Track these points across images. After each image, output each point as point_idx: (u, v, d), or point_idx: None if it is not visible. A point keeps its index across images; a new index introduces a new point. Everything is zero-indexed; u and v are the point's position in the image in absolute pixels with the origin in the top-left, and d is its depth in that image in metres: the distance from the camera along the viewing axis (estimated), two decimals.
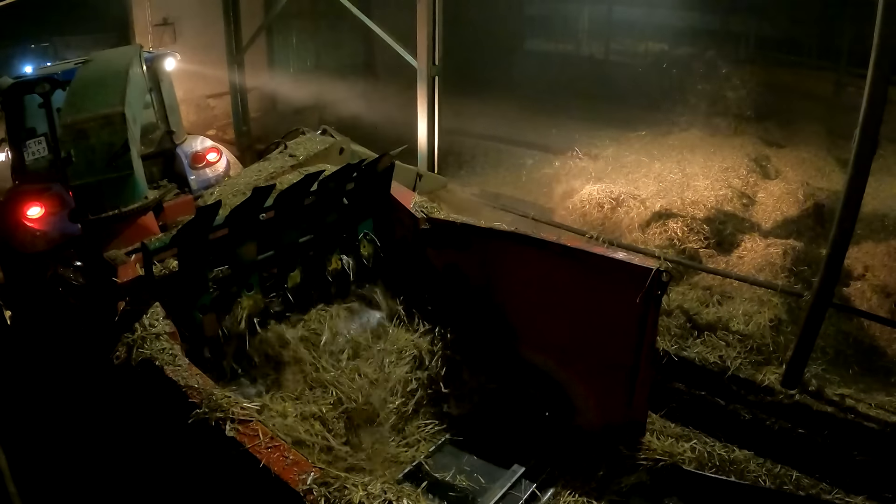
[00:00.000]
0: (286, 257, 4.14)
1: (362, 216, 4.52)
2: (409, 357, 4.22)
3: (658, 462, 4.00)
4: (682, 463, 4.06)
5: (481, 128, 10.81)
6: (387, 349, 4.23)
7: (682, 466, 4.02)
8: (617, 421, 3.98)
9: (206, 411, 2.86)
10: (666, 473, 3.96)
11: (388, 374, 4.07)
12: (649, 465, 3.98)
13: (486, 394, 4.33)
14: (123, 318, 3.47)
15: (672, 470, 3.99)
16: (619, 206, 7.14)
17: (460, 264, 4.44)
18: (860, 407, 4.46)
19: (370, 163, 4.34)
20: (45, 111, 5.39)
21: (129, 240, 4.02)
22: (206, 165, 6.41)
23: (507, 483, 3.81)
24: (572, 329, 3.98)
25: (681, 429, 4.52)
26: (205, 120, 11.24)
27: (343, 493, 2.50)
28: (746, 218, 7.07)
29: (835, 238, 4.27)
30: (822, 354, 4.96)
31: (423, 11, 6.73)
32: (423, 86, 7.06)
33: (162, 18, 10.45)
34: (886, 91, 3.93)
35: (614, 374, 3.85)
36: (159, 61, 6.30)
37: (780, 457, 4.35)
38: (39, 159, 5.82)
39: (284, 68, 12.95)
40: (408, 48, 7.17)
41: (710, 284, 5.75)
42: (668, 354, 4.85)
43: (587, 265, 3.79)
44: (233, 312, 3.91)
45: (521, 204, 7.62)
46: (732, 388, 4.71)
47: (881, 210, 7.11)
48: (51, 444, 4.66)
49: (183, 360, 3.21)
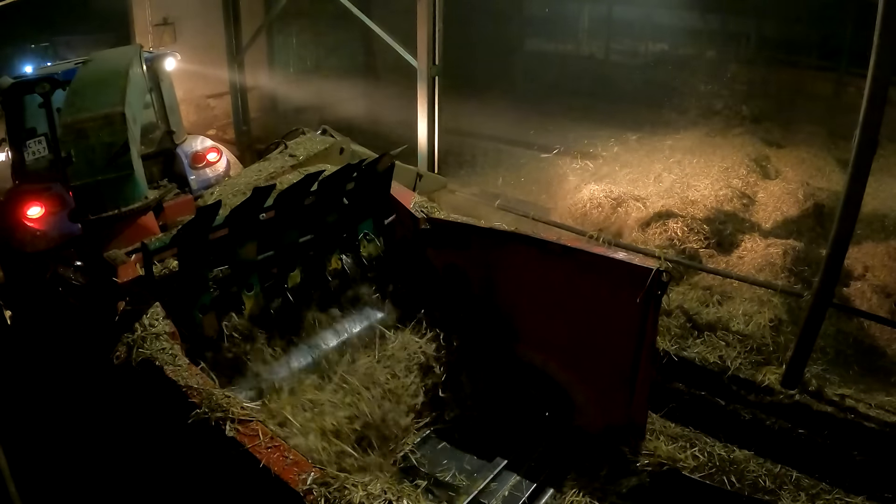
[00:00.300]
0: (286, 257, 4.14)
1: (362, 216, 4.52)
2: (411, 358, 4.21)
3: (660, 465, 4.01)
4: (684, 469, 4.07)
5: (481, 128, 10.81)
6: (389, 351, 4.22)
7: (682, 472, 4.03)
8: (617, 421, 3.98)
9: (206, 411, 2.86)
10: (666, 478, 3.97)
11: (396, 381, 4.05)
12: (650, 470, 3.99)
13: (487, 394, 4.33)
14: (123, 317, 3.47)
15: (672, 475, 4.00)
16: (619, 206, 7.14)
17: (460, 264, 4.44)
18: (860, 407, 4.47)
19: (370, 163, 4.33)
20: (46, 111, 5.39)
21: (130, 240, 4.02)
22: (207, 165, 6.41)
23: (507, 483, 3.81)
24: (572, 329, 3.98)
25: (681, 429, 4.53)
26: (205, 120, 11.24)
27: (343, 493, 2.49)
28: (746, 218, 7.06)
29: (835, 238, 4.27)
30: (822, 354, 4.97)
31: (424, 11, 6.73)
32: (424, 86, 7.06)
33: (162, 18, 10.45)
34: (886, 91, 3.93)
35: (614, 374, 3.85)
36: (159, 61, 6.30)
37: (779, 457, 4.35)
38: (39, 159, 5.82)
39: (284, 68, 12.95)
40: (408, 48, 7.17)
41: (710, 284, 5.75)
42: (668, 354, 4.85)
43: (587, 265, 3.79)
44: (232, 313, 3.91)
45: (521, 204, 7.62)
46: (732, 388, 4.72)
47: (881, 210, 7.11)
48: (51, 444, 4.66)
49: (183, 360, 3.20)
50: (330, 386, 3.92)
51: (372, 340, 4.30)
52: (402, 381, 4.08)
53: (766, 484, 4.15)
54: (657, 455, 4.14)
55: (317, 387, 3.89)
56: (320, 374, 3.99)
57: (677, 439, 4.40)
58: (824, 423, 4.44)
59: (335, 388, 3.91)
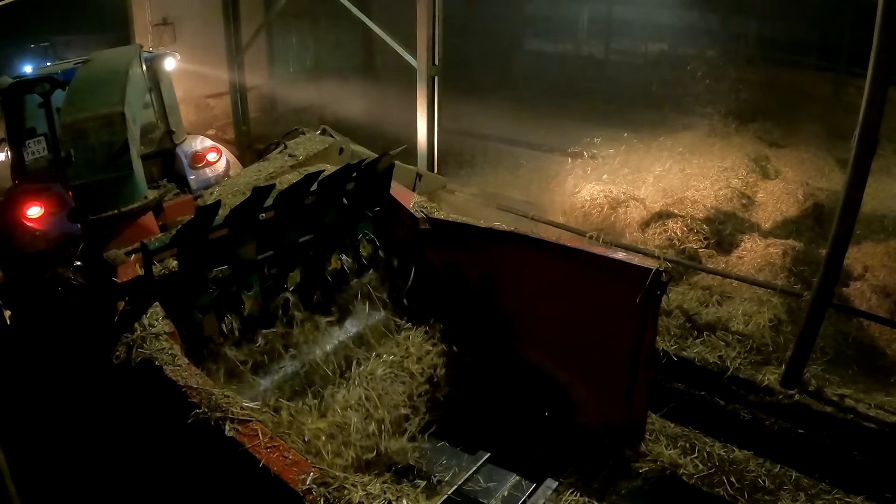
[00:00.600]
0: (286, 257, 4.14)
1: (362, 216, 4.52)
2: (411, 358, 4.21)
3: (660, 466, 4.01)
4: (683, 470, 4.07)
5: (481, 128, 10.81)
6: (389, 351, 4.22)
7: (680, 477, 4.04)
8: (616, 421, 3.98)
9: (206, 411, 2.86)
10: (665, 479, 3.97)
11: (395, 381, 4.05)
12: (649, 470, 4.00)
13: (486, 394, 4.33)
14: (123, 317, 3.47)
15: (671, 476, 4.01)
16: (618, 206, 7.13)
17: (460, 264, 4.44)
18: (860, 407, 4.47)
19: (370, 163, 4.33)
20: (45, 111, 5.39)
21: (129, 240, 4.01)
22: (206, 165, 6.41)
23: (506, 482, 3.81)
24: (572, 329, 3.98)
25: (680, 429, 4.54)
26: (204, 120, 11.24)
27: (342, 492, 2.49)
28: (746, 218, 7.07)
29: (834, 238, 4.27)
30: (821, 354, 4.96)
31: (423, 11, 6.73)
32: (423, 86, 7.06)
33: (162, 18, 10.45)
34: (886, 91, 3.93)
35: (614, 374, 3.85)
36: (159, 61, 6.30)
37: (779, 457, 4.35)
38: (39, 159, 5.82)
39: (284, 68, 12.96)
40: (408, 48, 7.17)
41: (710, 284, 5.75)
42: (667, 354, 4.85)
43: (587, 265, 3.79)
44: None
45: (520, 204, 7.61)
46: (732, 388, 4.72)
47: (881, 210, 7.12)
48: (51, 444, 4.66)
49: (182, 360, 3.21)
50: (329, 386, 3.93)
51: (371, 340, 4.30)
52: (402, 380, 4.08)
53: (765, 484, 4.15)
54: (656, 455, 4.15)
55: (316, 386, 3.88)
56: (320, 373, 3.99)
57: (677, 439, 4.40)
58: (824, 424, 4.45)
59: (335, 387, 3.91)
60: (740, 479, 4.16)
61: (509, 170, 9.54)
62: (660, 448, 4.23)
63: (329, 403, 3.78)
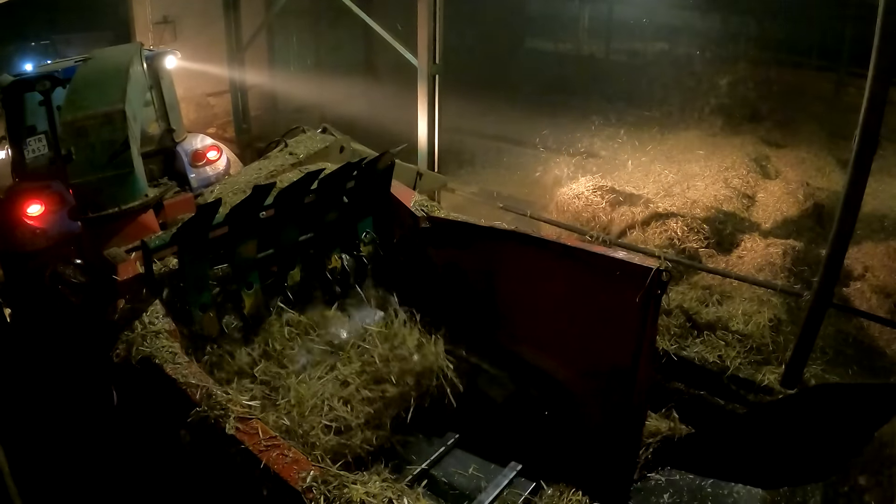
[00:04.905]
0: (286, 256, 4.14)
1: (362, 215, 4.52)
2: (410, 357, 4.21)
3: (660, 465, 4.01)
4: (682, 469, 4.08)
5: (481, 127, 10.83)
6: (389, 350, 4.21)
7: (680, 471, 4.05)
8: (616, 420, 3.98)
9: (206, 409, 2.86)
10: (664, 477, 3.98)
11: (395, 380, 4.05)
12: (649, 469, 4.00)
13: (485, 393, 4.32)
14: (123, 315, 3.47)
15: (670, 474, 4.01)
16: (618, 206, 7.14)
17: (460, 263, 4.44)
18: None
19: (370, 161, 4.33)
20: (46, 109, 5.39)
21: (129, 238, 4.02)
22: (207, 163, 6.41)
23: (506, 482, 3.81)
24: (572, 328, 3.98)
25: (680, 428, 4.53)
26: (205, 118, 11.25)
27: (343, 491, 2.49)
28: (746, 218, 7.07)
29: (834, 238, 4.27)
30: (821, 354, 4.96)
31: (424, 10, 6.73)
32: (424, 85, 7.06)
33: (162, 16, 10.47)
34: (886, 91, 3.92)
35: (614, 374, 3.85)
36: (160, 59, 6.30)
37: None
38: (39, 157, 5.81)
39: (285, 66, 12.96)
40: (408, 47, 7.17)
41: (710, 284, 5.75)
42: (667, 354, 4.85)
43: (587, 264, 3.78)
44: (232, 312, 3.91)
45: (520, 203, 7.63)
46: (732, 387, 4.71)
47: (881, 210, 7.12)
48: (51, 443, 4.66)
49: (182, 358, 3.21)
50: (329, 386, 3.92)
51: (371, 340, 4.30)
52: (402, 380, 4.07)
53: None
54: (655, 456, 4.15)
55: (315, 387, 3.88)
56: (319, 374, 3.98)
57: (676, 439, 4.40)
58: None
59: (334, 388, 3.90)
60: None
61: (510, 169, 9.56)
62: (659, 447, 4.23)
63: (329, 403, 3.78)
